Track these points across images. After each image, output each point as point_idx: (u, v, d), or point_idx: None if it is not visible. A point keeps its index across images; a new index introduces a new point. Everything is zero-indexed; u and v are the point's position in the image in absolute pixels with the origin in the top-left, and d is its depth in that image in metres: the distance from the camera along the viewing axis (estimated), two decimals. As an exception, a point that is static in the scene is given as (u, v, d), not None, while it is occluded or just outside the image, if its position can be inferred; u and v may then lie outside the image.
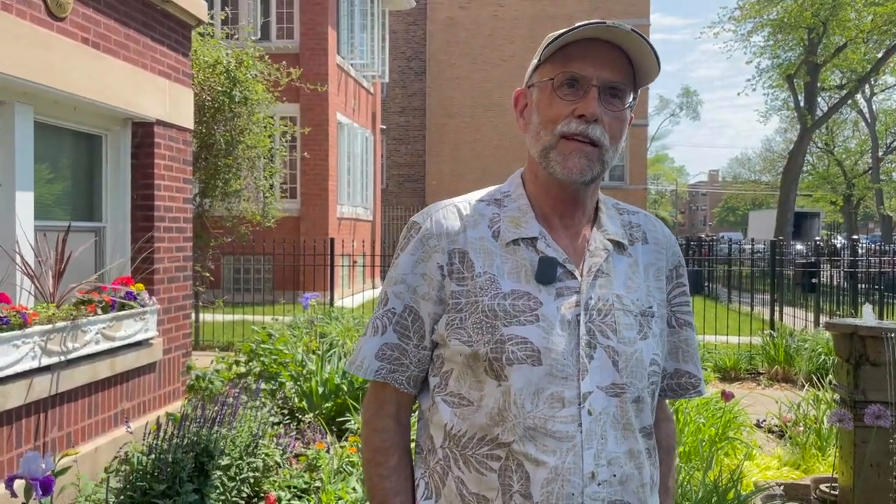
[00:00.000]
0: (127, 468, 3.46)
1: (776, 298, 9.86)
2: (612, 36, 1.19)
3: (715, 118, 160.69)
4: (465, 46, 22.75)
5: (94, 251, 4.67)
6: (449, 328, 1.23)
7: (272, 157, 9.37)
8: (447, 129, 22.71)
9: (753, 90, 70.35)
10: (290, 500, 3.80)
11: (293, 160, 13.90)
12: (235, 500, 3.66)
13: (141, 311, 4.53)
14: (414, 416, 1.42)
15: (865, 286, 10.88)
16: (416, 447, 1.34)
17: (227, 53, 8.22)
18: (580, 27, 1.18)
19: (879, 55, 23.71)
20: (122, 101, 4.49)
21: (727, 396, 4.06)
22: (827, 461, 4.33)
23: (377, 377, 1.29)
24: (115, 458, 3.58)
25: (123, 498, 3.23)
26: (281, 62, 9.59)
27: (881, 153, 38.31)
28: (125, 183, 4.83)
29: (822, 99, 27.71)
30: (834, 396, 4.12)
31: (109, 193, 4.80)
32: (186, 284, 5.39)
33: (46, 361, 3.62)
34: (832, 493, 3.70)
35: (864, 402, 3.32)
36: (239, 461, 3.77)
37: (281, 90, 9.70)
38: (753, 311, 11.21)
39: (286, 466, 4.20)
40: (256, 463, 3.91)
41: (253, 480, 3.86)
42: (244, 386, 4.73)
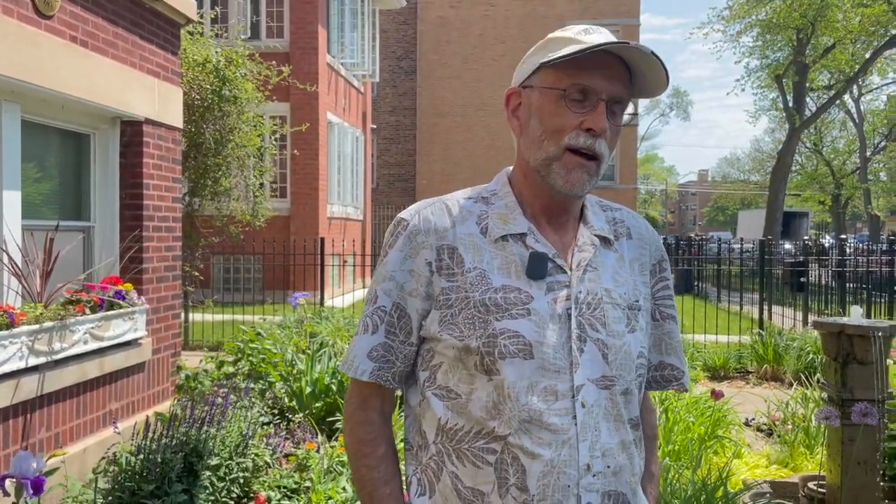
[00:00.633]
0: (115, 469, 3.44)
1: (765, 298, 9.91)
2: (626, 53, 1.20)
3: (705, 118, 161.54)
4: (455, 46, 22.76)
5: (82, 250, 4.65)
6: (441, 325, 1.23)
7: (262, 156, 9.34)
8: (438, 128, 22.72)
9: (742, 90, 70.89)
10: (279, 499, 3.79)
11: (283, 159, 13.86)
12: (225, 500, 3.64)
13: (130, 310, 4.51)
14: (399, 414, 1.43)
15: (853, 285, 10.95)
16: (405, 445, 1.34)
17: (216, 52, 8.19)
18: (606, 45, 1.17)
19: (867, 56, 23.87)
20: (110, 99, 4.47)
21: (717, 395, 4.08)
22: (815, 459, 4.35)
23: (371, 378, 1.28)
24: (102, 458, 3.56)
25: (112, 498, 3.21)
26: (271, 61, 9.56)
27: (869, 153, 38.57)
28: (113, 182, 4.80)
29: (810, 99, 27.87)
30: (822, 395, 4.14)
31: (98, 192, 4.77)
32: (176, 284, 5.37)
33: (34, 361, 3.60)
34: (820, 490, 3.73)
35: (851, 400, 3.34)
36: (228, 461, 3.75)
37: (271, 89, 9.67)
38: (742, 310, 11.26)
39: (276, 466, 4.18)
40: (246, 463, 3.90)
41: (243, 480, 3.85)
42: (233, 386, 4.71)
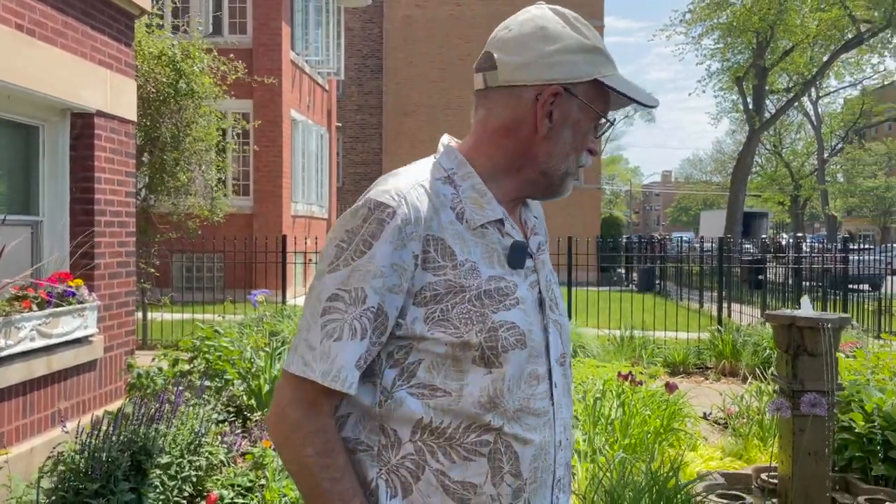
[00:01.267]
0: (62, 468, 3.35)
1: (724, 295, 10.05)
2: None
3: (668, 120, 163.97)
4: (422, 45, 22.71)
5: (30, 245, 4.52)
6: (429, 322, 1.16)
7: (222, 150, 9.20)
8: (404, 127, 22.65)
9: (704, 92, 72.06)
10: (233, 498, 3.72)
11: (246, 157, 13.70)
12: (177, 499, 3.57)
13: (80, 307, 4.40)
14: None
15: (809, 283, 11.17)
16: (355, 446, 1.22)
17: (172, 45, 8.05)
18: (643, 98, 1.26)
19: (824, 59, 24.39)
20: (59, 90, 4.35)
21: (671, 388, 4.12)
22: (768, 451, 4.41)
23: (356, 390, 1.17)
24: (48, 457, 3.46)
25: (55, 498, 3.13)
26: (233, 57, 9.42)
27: (826, 155, 39.47)
28: (63, 175, 4.68)
29: (769, 101, 28.41)
30: (774, 388, 4.20)
31: (47, 186, 4.65)
32: (129, 281, 5.25)
33: (-24, 359, 3.49)
34: (772, 481, 3.78)
35: (802, 391, 3.39)
36: (180, 459, 3.68)
37: (231, 85, 9.52)
38: (703, 307, 11.42)
39: (231, 465, 4.12)
40: (199, 461, 3.83)
41: (195, 479, 3.77)
42: (188, 384, 4.62)
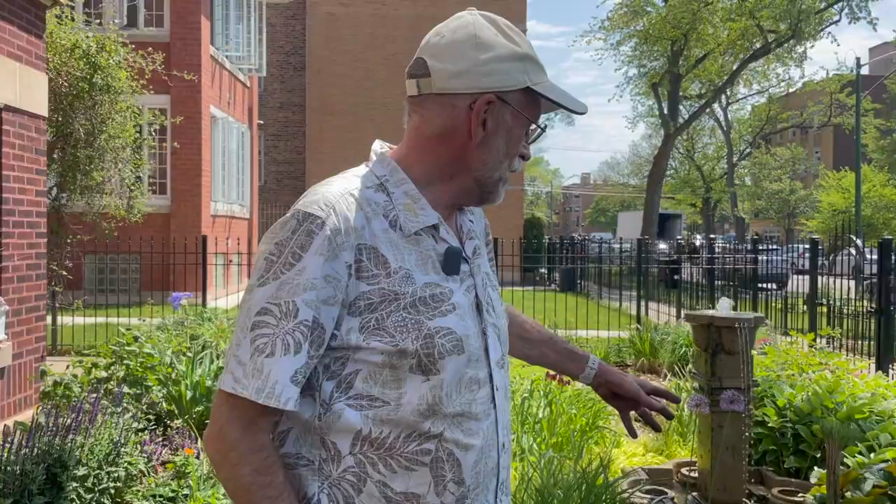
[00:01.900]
0: (-32, 484, 3.16)
1: (642, 295, 10.37)
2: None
3: (588, 123, 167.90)
4: (346, 44, 22.51)
5: (-70, 247, 4.25)
6: (364, 331, 1.15)
7: (139, 148, 8.87)
8: (328, 126, 22.38)
9: (621, 97, 73.99)
10: (155, 509, 3.59)
11: (163, 154, 13.25)
12: (94, 512, 3.42)
13: (-14, 312, 4.16)
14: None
15: (721, 282, 11.65)
16: (296, 461, 1.20)
17: (86, 37, 7.71)
18: (572, 105, 1.26)
19: (734, 67, 25.50)
20: (-37, 82, 4.11)
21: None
22: (688, 446, 4.58)
23: (294, 407, 1.14)
24: (-47, 473, 3.25)
25: (-38, 516, 2.95)
26: (150, 51, 9.09)
27: (735, 159, 41.30)
28: (-32, 173, 4.42)
29: (683, 107, 29.48)
30: (693, 384, 4.36)
31: (-51, 184, 4.38)
32: (40, 284, 5.00)
33: None
34: (692, 476, 3.92)
35: (720, 388, 3.52)
36: (98, 471, 3.52)
37: (150, 80, 9.18)
38: (622, 306, 11.75)
39: (152, 475, 3.97)
40: (118, 472, 3.68)
41: (114, 491, 3.62)
42: (106, 391, 4.44)
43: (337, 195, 1.18)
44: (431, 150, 1.24)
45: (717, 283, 11.31)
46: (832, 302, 9.00)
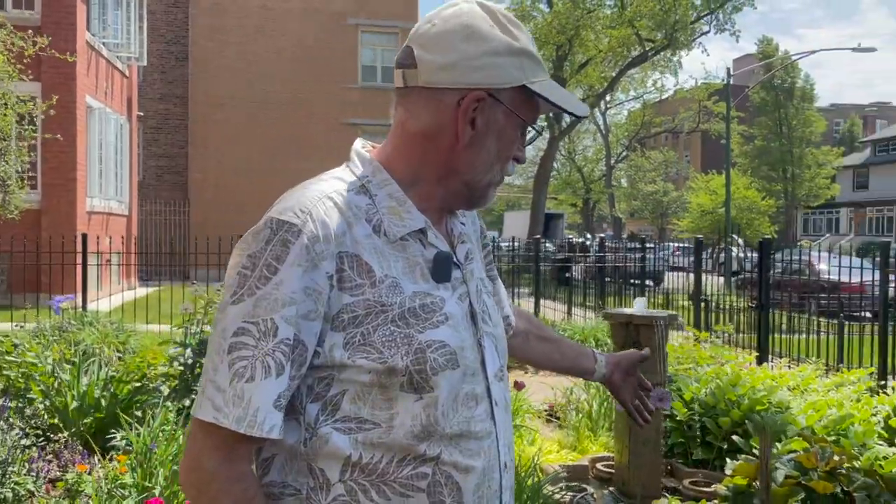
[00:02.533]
0: None
1: (539, 292, 10.60)
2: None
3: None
4: (232, 35, 21.67)
5: None
6: (349, 348, 1.06)
7: (20, 138, 8.14)
8: (213, 119, 21.48)
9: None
10: (49, 533, 3.29)
11: (33, 146, 12.27)
12: (-21, 541, 3.09)
13: None
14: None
15: (609, 279, 12.10)
16: (282, 490, 1.11)
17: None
18: (573, 108, 1.18)
19: (614, 74, 26.60)
20: None
21: (519, 386, 4.25)
22: (599, 441, 4.70)
23: (279, 434, 1.05)
24: None
25: None
26: (29, 34, 8.37)
27: (613, 161, 43.21)
28: None
29: (566, 111, 30.47)
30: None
31: None
32: None
33: None
34: (608, 471, 4.01)
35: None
36: (-17, 495, 3.19)
37: (15, 65, 8.45)
38: (518, 304, 11.93)
39: (42, 494, 3.64)
40: (5, 494, 3.35)
41: (1, 515, 3.30)
42: (-16, 405, 4.03)
43: (313, 199, 1.08)
44: (417, 148, 1.15)
45: (606, 280, 11.74)
46: (709, 298, 9.55)
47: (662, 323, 3.66)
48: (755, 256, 9.46)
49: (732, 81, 27.11)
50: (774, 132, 39.98)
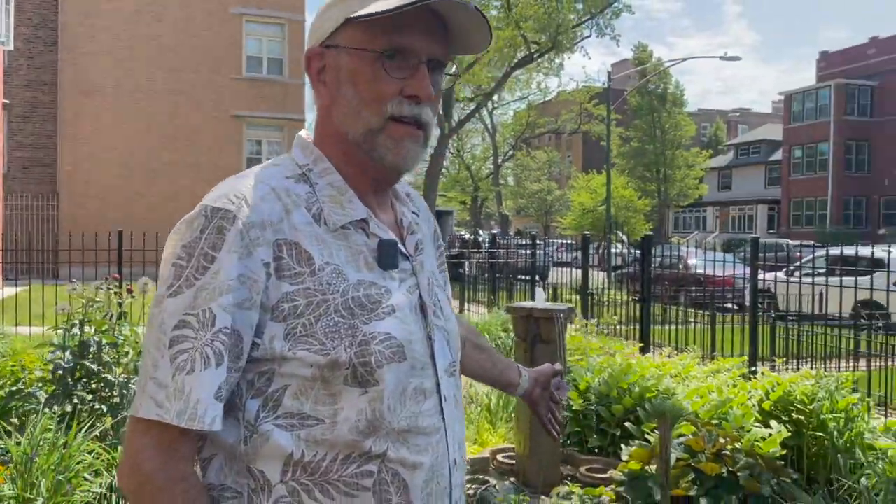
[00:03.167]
0: None
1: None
2: (444, 7, 1.08)
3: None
4: (106, 19, 20.45)
5: None
6: (290, 339, 1.03)
7: None
8: (85, 108, 20.19)
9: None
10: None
11: None
12: None
13: None
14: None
15: (499, 274, 12.37)
16: (221, 493, 1.07)
17: None
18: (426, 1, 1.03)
19: (500, 74, 27.16)
20: None
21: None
22: (498, 433, 4.79)
23: (220, 427, 1.01)
24: None
25: None
26: None
27: (500, 160, 44.14)
28: None
29: (455, 110, 30.83)
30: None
31: None
32: None
33: None
34: (509, 462, 4.10)
35: (538, 376, 3.72)
36: None
37: None
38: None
39: None
40: None
41: None
42: None
43: (249, 186, 1.06)
44: (327, 128, 1.15)
45: (497, 275, 11.99)
46: (594, 292, 9.99)
47: (562, 316, 3.78)
48: (637, 252, 9.97)
49: (612, 85, 28.29)
50: (649, 135, 42.05)
